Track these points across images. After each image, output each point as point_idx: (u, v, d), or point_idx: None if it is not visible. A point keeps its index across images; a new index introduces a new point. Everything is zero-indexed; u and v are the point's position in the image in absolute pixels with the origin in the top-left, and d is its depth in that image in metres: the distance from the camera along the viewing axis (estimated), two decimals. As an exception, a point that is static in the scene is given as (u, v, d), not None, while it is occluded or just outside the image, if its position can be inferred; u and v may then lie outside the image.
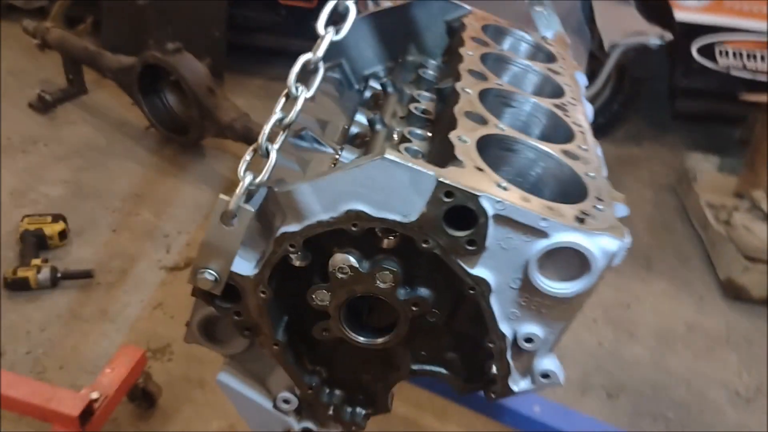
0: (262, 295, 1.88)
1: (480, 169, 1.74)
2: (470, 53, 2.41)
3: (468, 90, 2.12)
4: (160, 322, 4.97)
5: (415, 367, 1.96)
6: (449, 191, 1.65)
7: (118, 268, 5.29)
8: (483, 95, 2.14)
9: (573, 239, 1.67)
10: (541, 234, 1.69)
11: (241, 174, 1.76)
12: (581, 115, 2.30)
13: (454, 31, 2.87)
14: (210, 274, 1.83)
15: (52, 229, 5.15)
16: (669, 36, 6.46)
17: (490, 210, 1.66)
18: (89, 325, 4.81)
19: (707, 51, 6.87)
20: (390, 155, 1.65)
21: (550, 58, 2.74)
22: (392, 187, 1.68)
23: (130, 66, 6.21)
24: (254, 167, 1.78)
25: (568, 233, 1.67)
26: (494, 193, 1.66)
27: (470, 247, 1.71)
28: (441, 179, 1.65)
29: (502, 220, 1.68)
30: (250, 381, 2.19)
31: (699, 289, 5.87)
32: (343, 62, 3.17)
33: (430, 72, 2.73)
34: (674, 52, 7.19)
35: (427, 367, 2.05)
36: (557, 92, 2.42)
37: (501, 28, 2.89)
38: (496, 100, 2.23)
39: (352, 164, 1.69)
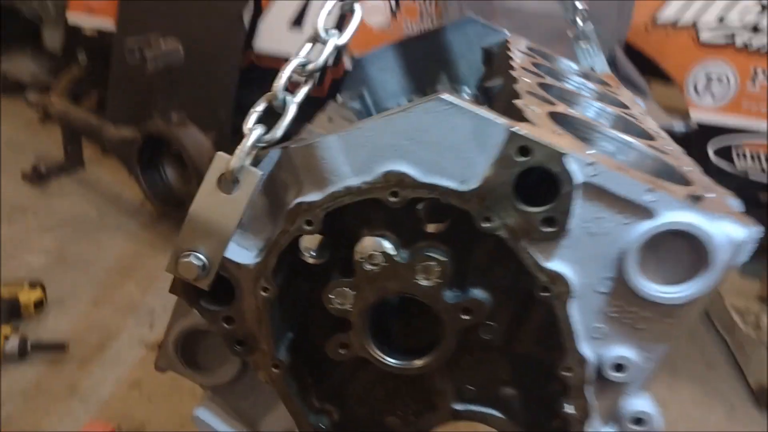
0: (263, 293, 1.44)
1: (558, 134, 1.34)
2: (526, 80, 2.02)
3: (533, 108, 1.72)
4: (135, 402, 4.42)
5: (458, 406, 1.50)
6: (525, 147, 1.25)
7: (95, 342, 4.85)
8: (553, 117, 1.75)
9: (689, 220, 1.25)
10: (645, 213, 1.28)
11: (248, 127, 1.37)
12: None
13: (492, 58, 2.55)
14: (197, 259, 1.40)
15: (27, 296, 4.78)
16: (694, 124, 6.32)
17: (578, 175, 1.25)
18: (55, 402, 4.27)
19: (725, 153, 6.71)
20: (447, 96, 1.26)
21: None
22: (448, 140, 1.29)
23: (132, 137, 6.11)
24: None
25: (682, 212, 1.26)
26: (584, 154, 1.25)
27: (547, 229, 1.29)
28: (514, 130, 1.25)
29: (592, 191, 1.28)
30: (235, 422, 1.68)
31: (729, 396, 5.41)
32: (365, 93, 2.88)
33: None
34: (690, 154, 7.00)
35: (475, 408, 1.57)
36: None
37: (549, 55, 2.57)
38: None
39: (397, 109, 1.29)
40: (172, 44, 5.28)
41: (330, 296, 1.43)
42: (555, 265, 1.34)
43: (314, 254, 1.52)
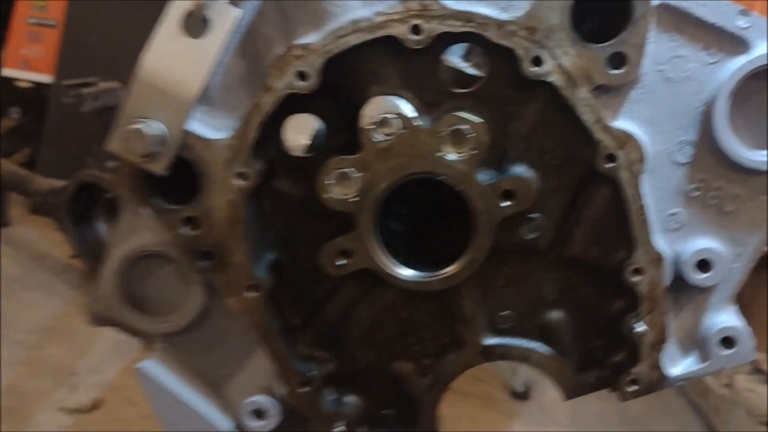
0: (239, 181, 1.10)
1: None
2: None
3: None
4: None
5: (491, 341, 1.14)
6: (585, -44, 0.99)
7: (5, 407, 4.30)
8: None
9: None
10: (737, 45, 1.03)
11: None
12: None
13: None
14: (151, 127, 1.05)
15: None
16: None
17: None
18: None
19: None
20: None
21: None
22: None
23: (62, 187, 5.68)
24: None
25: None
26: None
27: (615, 71, 1.02)
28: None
29: (670, 17, 1.06)
30: (192, 378, 1.29)
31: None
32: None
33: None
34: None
35: (512, 342, 1.23)
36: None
37: None
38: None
39: None
40: (111, 84, 4.94)
41: (327, 182, 1.10)
42: (624, 124, 1.07)
43: (314, 141, 1.20)
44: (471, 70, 1.29)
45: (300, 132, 1.34)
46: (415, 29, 1.06)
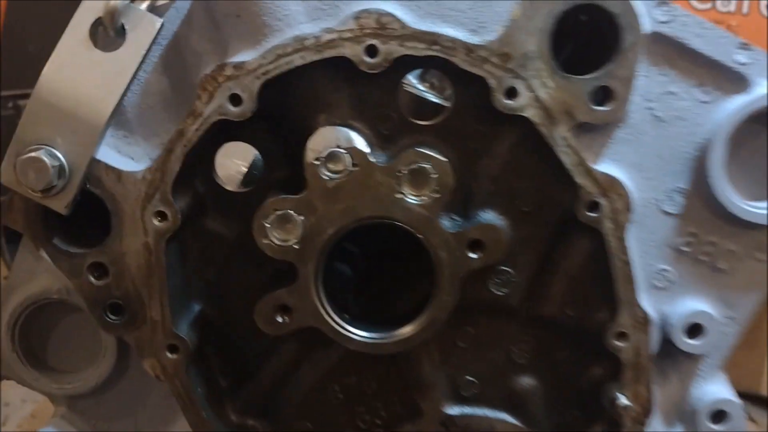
0: (157, 222, 0.93)
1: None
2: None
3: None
4: None
5: (452, 410, 1.00)
6: (571, -24, 0.86)
7: None
8: None
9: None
10: (736, 81, 0.91)
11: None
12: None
13: None
14: (50, 156, 0.88)
15: None
16: None
17: (646, 22, 0.87)
18: None
19: None
20: None
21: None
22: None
23: None
24: None
25: (786, 81, 0.89)
26: (652, -5, 0.89)
27: (600, 108, 0.89)
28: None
29: (662, 49, 0.91)
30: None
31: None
32: None
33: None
34: None
35: (476, 411, 1.07)
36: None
37: None
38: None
39: None
40: None
41: (264, 224, 0.94)
42: (608, 168, 0.93)
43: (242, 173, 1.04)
44: (432, 97, 1.15)
45: (236, 157, 1.18)
46: (371, 51, 0.90)
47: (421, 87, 1.20)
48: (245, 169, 1.21)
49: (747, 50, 0.90)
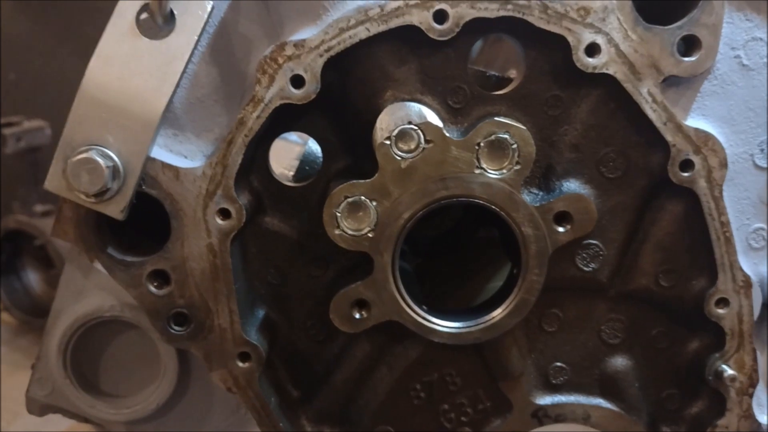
0: (220, 220, 0.86)
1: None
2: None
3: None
4: None
5: (543, 400, 0.93)
6: None
7: None
8: None
9: None
10: None
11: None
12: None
13: None
14: (103, 156, 0.81)
15: None
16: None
17: None
18: None
19: None
20: None
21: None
22: None
23: None
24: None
25: None
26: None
27: (686, 58, 0.84)
28: None
29: None
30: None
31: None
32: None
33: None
34: None
35: (569, 399, 1.01)
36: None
37: None
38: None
39: None
40: (36, 123, 4.61)
41: (335, 213, 0.87)
42: (697, 123, 0.88)
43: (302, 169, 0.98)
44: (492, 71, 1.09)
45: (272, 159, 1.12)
46: (440, 16, 0.85)
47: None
48: (287, 172, 1.15)
49: (835, -14, 0.86)
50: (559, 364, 1.03)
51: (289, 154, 1.32)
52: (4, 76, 5.07)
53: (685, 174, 0.89)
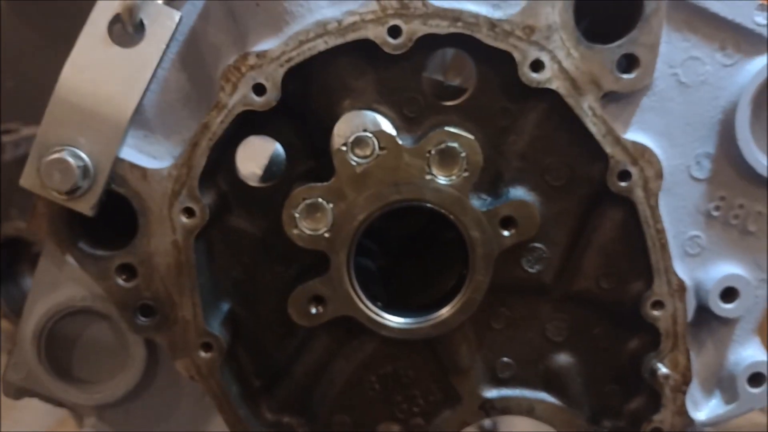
0: (185, 218, 0.92)
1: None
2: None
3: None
4: None
5: (490, 393, 0.99)
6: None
7: None
8: None
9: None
10: (757, 43, 0.93)
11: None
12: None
13: None
14: (74, 156, 0.87)
15: None
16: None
17: None
18: None
19: None
20: None
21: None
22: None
23: None
24: None
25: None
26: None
27: (626, 75, 0.90)
28: None
29: (683, 15, 0.92)
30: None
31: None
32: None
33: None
34: None
35: (515, 393, 1.06)
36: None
37: None
38: None
39: None
40: (35, 129, 4.60)
41: (293, 214, 0.93)
42: (636, 136, 0.94)
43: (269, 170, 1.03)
44: (450, 82, 1.15)
45: (248, 159, 1.17)
46: (394, 31, 0.90)
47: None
48: (258, 171, 1.20)
49: (765, 11, 0.92)
50: (506, 359, 1.08)
51: (265, 152, 1.38)
52: (3, 84, 5.07)
53: (623, 184, 0.95)
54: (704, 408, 1.05)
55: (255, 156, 1.23)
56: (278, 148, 1.21)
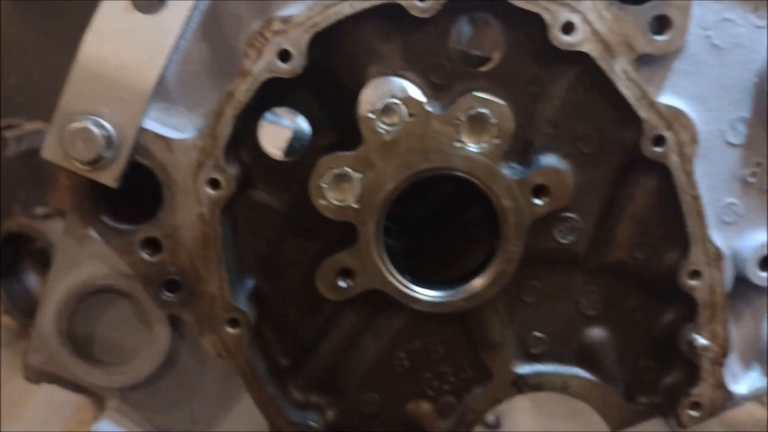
0: (210, 190, 0.90)
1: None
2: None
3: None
4: None
5: (523, 369, 0.97)
6: None
7: None
8: None
9: None
10: None
11: None
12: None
13: None
14: (97, 125, 0.85)
15: None
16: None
17: None
18: None
19: None
20: None
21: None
22: None
23: None
24: None
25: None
26: None
27: (659, 37, 0.87)
28: None
29: None
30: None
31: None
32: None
33: None
34: None
35: (548, 368, 1.04)
36: None
37: None
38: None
39: None
40: (37, 125, 4.64)
41: (321, 185, 0.91)
42: (669, 100, 0.92)
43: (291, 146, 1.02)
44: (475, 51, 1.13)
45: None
46: (423, -7, 0.89)
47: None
48: (276, 151, 1.19)
49: (802, -31, 0.90)
50: (538, 334, 1.06)
51: (280, 137, 1.36)
52: (4, 80, 5.09)
53: (658, 149, 0.93)
54: (743, 381, 1.03)
55: (269, 140, 1.22)
56: (300, 124, 1.20)
